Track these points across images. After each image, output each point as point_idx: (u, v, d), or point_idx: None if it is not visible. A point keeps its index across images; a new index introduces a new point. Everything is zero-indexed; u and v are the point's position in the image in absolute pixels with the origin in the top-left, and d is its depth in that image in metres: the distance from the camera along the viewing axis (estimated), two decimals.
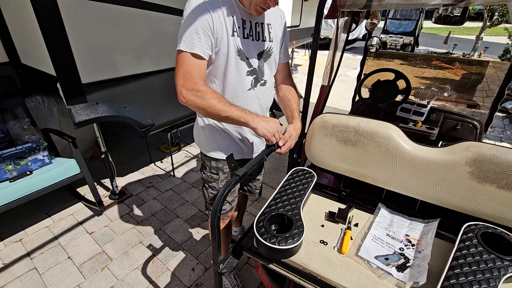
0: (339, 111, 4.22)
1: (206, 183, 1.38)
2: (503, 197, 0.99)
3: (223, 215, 1.44)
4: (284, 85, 1.35)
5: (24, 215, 2.26)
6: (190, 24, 0.98)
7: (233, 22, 1.06)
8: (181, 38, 0.99)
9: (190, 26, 0.98)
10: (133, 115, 2.03)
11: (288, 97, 1.32)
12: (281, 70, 1.33)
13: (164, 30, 2.15)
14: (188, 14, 0.99)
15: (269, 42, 1.19)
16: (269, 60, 1.22)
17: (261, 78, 1.22)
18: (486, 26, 7.57)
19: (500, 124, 4.48)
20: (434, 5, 1.17)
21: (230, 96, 1.15)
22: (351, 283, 0.88)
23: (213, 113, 1.01)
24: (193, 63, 0.99)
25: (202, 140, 1.31)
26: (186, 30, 0.98)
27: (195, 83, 0.98)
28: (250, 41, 1.13)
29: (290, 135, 1.19)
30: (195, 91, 0.98)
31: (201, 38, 0.99)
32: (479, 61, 2.63)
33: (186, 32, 0.98)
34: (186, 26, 0.98)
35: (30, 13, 1.53)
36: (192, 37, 0.98)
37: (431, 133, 1.92)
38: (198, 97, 0.98)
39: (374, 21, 1.89)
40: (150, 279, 1.78)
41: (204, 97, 0.98)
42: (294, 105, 1.32)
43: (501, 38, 11.58)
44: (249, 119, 1.04)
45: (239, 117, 1.02)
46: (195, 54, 0.99)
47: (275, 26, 1.21)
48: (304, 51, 9.81)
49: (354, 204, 1.23)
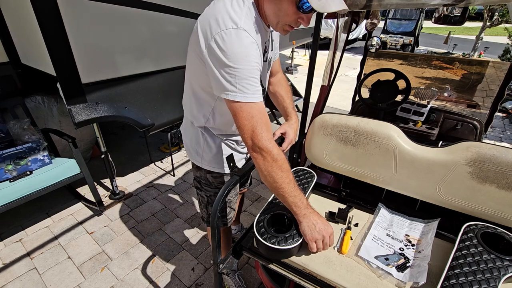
0: (339, 111, 4.22)
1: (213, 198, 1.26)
2: (503, 197, 0.98)
3: (230, 222, 1.38)
4: (275, 80, 1.31)
5: (24, 215, 2.26)
6: (245, 68, 0.81)
7: (264, 49, 0.96)
8: (235, 86, 0.82)
9: (246, 70, 0.82)
10: (133, 115, 2.03)
11: (280, 93, 1.29)
12: (276, 65, 1.28)
13: (164, 30, 2.15)
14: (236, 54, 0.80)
15: (271, 52, 1.13)
16: (269, 70, 1.18)
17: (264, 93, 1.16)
18: (486, 26, 7.57)
19: (500, 124, 4.48)
20: (434, 5, 1.17)
21: None
22: (351, 283, 0.88)
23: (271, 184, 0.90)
24: (260, 112, 0.86)
25: (205, 157, 1.17)
26: (241, 76, 0.81)
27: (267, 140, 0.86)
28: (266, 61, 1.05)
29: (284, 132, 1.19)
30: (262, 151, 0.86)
31: (257, 80, 0.85)
32: (479, 61, 2.63)
33: (242, 79, 0.82)
34: (240, 70, 0.81)
35: (30, 13, 1.53)
36: (251, 84, 0.84)
37: (431, 133, 1.92)
38: (265, 161, 0.87)
39: (374, 21, 1.89)
40: (150, 279, 1.78)
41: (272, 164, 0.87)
42: (287, 100, 1.29)
43: (501, 38, 11.57)
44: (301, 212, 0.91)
45: (292, 204, 0.90)
46: (257, 102, 0.86)
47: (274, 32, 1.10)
48: (304, 51, 9.80)
49: (354, 204, 1.23)
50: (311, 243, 0.91)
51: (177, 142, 3.40)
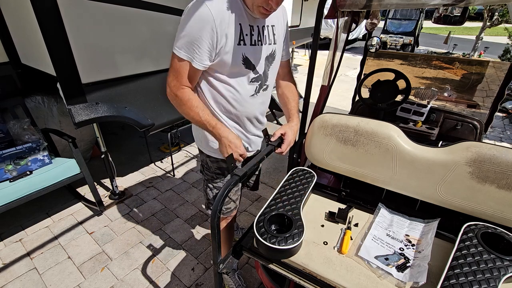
0: (339, 111, 4.22)
1: (210, 183, 1.36)
2: (503, 197, 0.99)
3: (227, 213, 1.43)
4: (284, 82, 1.34)
5: (24, 215, 2.26)
6: (192, 32, 0.93)
7: (241, 30, 1.02)
8: (180, 42, 0.96)
9: (193, 34, 0.93)
10: (133, 115, 2.03)
11: (287, 95, 1.32)
12: (282, 68, 1.32)
13: (164, 30, 2.15)
14: (192, 18, 0.92)
15: (274, 45, 1.17)
16: (274, 63, 1.21)
17: (264, 83, 1.20)
18: (486, 26, 7.57)
19: (500, 124, 4.48)
20: (434, 5, 1.17)
21: (232, 102, 1.14)
22: (351, 283, 0.88)
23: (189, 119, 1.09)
24: (185, 72, 1.01)
25: (204, 141, 1.27)
26: (187, 36, 0.94)
27: (177, 88, 1.03)
28: (258, 47, 1.09)
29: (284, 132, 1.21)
30: (174, 95, 1.05)
31: (202, 50, 0.96)
32: (479, 61, 2.63)
33: (186, 39, 0.94)
34: (188, 31, 0.94)
35: (30, 13, 1.53)
36: (193, 47, 0.95)
37: (431, 133, 1.92)
38: (176, 102, 1.07)
39: (374, 21, 1.89)
40: (150, 279, 1.78)
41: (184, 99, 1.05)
42: (292, 103, 1.32)
43: (501, 38, 11.57)
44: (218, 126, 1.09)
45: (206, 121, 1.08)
46: (191, 65, 0.99)
47: (278, 26, 1.18)
48: (304, 51, 9.80)
49: (354, 204, 1.23)
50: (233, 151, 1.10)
51: (177, 142, 3.40)
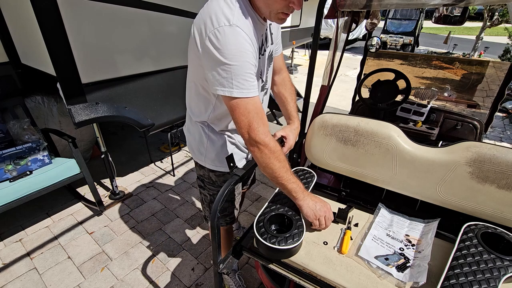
0: (339, 111, 4.22)
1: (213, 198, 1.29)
2: (503, 197, 0.99)
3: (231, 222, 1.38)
4: (278, 79, 1.29)
5: (24, 215, 2.26)
6: (239, 64, 0.83)
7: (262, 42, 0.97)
8: (231, 82, 0.84)
9: (241, 66, 0.83)
10: (133, 115, 2.03)
11: (284, 94, 1.28)
12: (279, 61, 1.25)
13: (164, 30, 2.15)
14: (230, 51, 0.81)
15: (271, 45, 1.13)
16: (271, 63, 1.18)
17: (265, 87, 1.17)
18: (486, 26, 7.57)
19: (500, 124, 4.48)
20: (434, 5, 1.17)
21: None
22: (351, 283, 0.88)
23: (270, 174, 0.94)
24: (254, 107, 0.88)
25: (207, 155, 1.17)
26: (236, 72, 0.83)
27: (261, 133, 0.89)
28: (264, 54, 1.04)
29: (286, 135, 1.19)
30: (259, 144, 0.90)
31: (253, 75, 0.87)
32: (479, 61, 2.63)
33: (238, 75, 0.83)
34: (235, 67, 0.82)
35: (30, 13, 1.53)
36: (247, 79, 0.85)
37: (431, 133, 1.92)
38: (262, 153, 0.91)
39: (374, 21, 1.89)
40: (150, 279, 1.78)
41: (269, 156, 0.91)
42: (290, 103, 1.28)
43: (501, 38, 11.58)
44: (300, 196, 0.97)
45: (291, 190, 0.96)
46: (256, 97, 0.88)
47: (273, 24, 1.11)
48: (304, 51, 9.80)
49: (354, 204, 1.23)
50: (315, 221, 0.99)
51: (177, 142, 3.40)
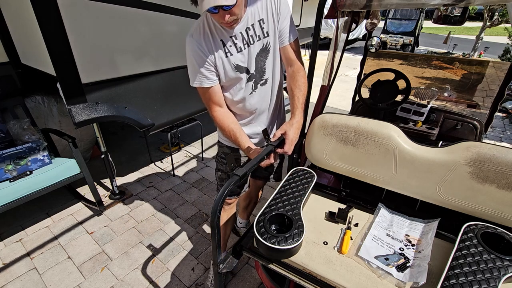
0: (339, 111, 4.22)
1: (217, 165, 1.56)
2: (503, 197, 0.99)
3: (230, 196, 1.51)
4: (290, 71, 1.27)
5: (24, 215, 2.26)
6: (192, 66, 1.17)
7: (223, 45, 1.15)
8: (191, 77, 1.20)
9: (193, 67, 1.17)
10: (133, 115, 2.03)
11: (292, 88, 1.24)
12: (288, 52, 1.25)
13: (164, 30, 2.15)
14: (188, 57, 1.17)
15: (265, 38, 1.18)
16: (269, 55, 1.21)
17: (262, 78, 1.23)
18: (486, 26, 7.56)
19: (500, 124, 4.48)
20: (434, 5, 1.17)
21: (238, 101, 1.28)
22: (351, 283, 0.88)
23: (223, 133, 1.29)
24: (206, 94, 1.22)
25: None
26: (192, 71, 1.19)
27: (212, 110, 1.26)
28: (245, 50, 1.17)
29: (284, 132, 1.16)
30: (212, 116, 1.27)
31: (204, 73, 1.17)
32: (479, 61, 2.63)
33: (192, 73, 1.19)
34: (190, 67, 1.19)
35: (30, 13, 1.53)
36: (198, 76, 1.17)
37: (431, 133, 1.92)
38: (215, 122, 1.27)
39: (374, 21, 1.89)
40: (150, 279, 1.78)
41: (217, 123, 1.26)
42: (295, 97, 1.24)
43: (501, 38, 11.57)
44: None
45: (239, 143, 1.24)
46: (205, 87, 1.19)
47: (268, 18, 1.15)
48: (304, 51, 9.80)
49: (354, 204, 1.23)
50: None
51: (177, 142, 3.40)
